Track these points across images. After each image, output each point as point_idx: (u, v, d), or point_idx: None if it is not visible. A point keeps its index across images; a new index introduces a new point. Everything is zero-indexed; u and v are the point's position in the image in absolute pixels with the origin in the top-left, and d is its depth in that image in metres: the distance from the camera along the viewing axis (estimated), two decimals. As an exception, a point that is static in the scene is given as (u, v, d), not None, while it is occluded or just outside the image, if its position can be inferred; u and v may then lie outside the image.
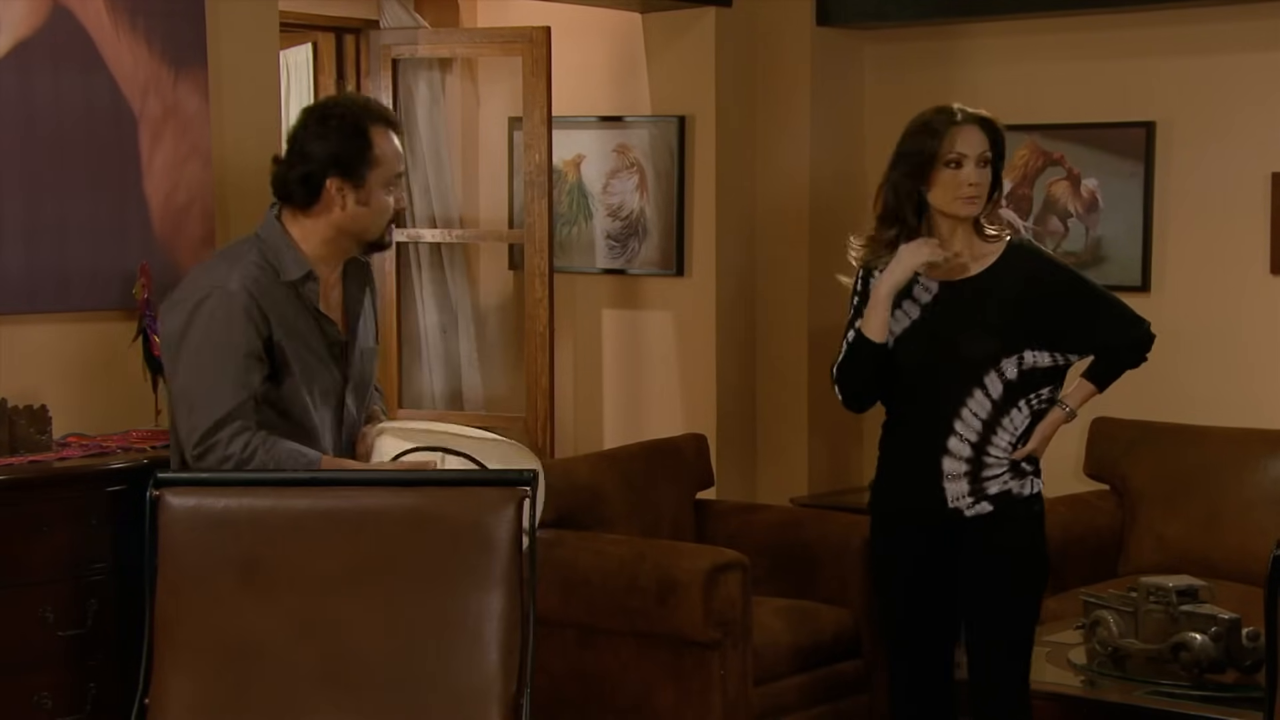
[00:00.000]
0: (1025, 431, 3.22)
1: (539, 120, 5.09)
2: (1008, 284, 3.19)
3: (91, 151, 3.75)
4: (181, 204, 3.92)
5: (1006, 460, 3.19)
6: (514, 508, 2.85)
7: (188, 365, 2.90)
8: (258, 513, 2.84)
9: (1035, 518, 3.25)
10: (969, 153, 3.19)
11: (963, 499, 3.17)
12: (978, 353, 3.16)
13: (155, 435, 3.65)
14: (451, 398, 5.58)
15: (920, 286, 3.23)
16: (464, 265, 5.64)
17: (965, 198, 3.19)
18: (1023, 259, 3.24)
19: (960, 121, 3.21)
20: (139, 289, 3.71)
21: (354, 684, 2.73)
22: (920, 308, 3.23)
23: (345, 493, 2.83)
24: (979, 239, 3.24)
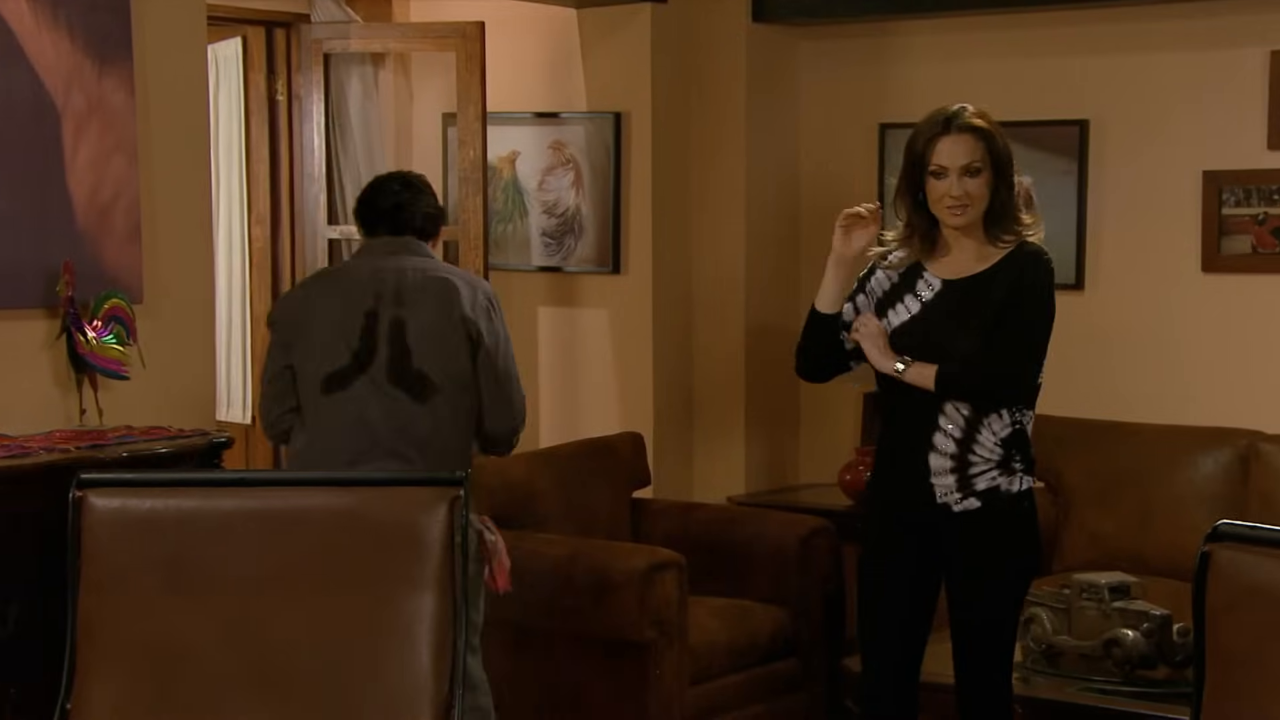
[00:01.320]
0: (1009, 436, 3.18)
1: (473, 116, 5.07)
2: (998, 287, 3.18)
3: (12, 146, 3.69)
4: (106, 200, 3.87)
5: (994, 457, 3.17)
6: (446, 507, 2.85)
7: (510, 354, 3.54)
8: (184, 513, 2.82)
9: (1025, 515, 3.21)
10: (949, 165, 3.17)
11: (950, 494, 3.16)
12: (960, 352, 3.15)
13: (79, 435, 3.60)
14: (385, 397, 5.54)
15: (923, 282, 3.24)
16: (397, 263, 5.60)
17: (948, 209, 3.18)
18: (1018, 263, 3.21)
19: (946, 131, 3.18)
20: (62, 286, 3.66)
21: (283, 687, 2.71)
22: (921, 303, 3.24)
23: (275, 493, 2.82)
24: (990, 242, 3.22)
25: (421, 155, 5.66)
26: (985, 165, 3.18)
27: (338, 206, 5.40)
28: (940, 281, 3.23)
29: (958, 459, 3.16)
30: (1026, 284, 3.18)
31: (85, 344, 3.66)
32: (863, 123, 5.42)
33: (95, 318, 3.71)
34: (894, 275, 3.29)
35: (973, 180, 3.18)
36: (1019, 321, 3.17)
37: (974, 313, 3.17)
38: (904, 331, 3.23)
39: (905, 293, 3.25)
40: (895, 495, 3.23)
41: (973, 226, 3.22)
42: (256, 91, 5.37)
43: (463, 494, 2.88)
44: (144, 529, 2.81)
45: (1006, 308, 3.15)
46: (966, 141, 3.17)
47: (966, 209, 3.18)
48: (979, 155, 3.17)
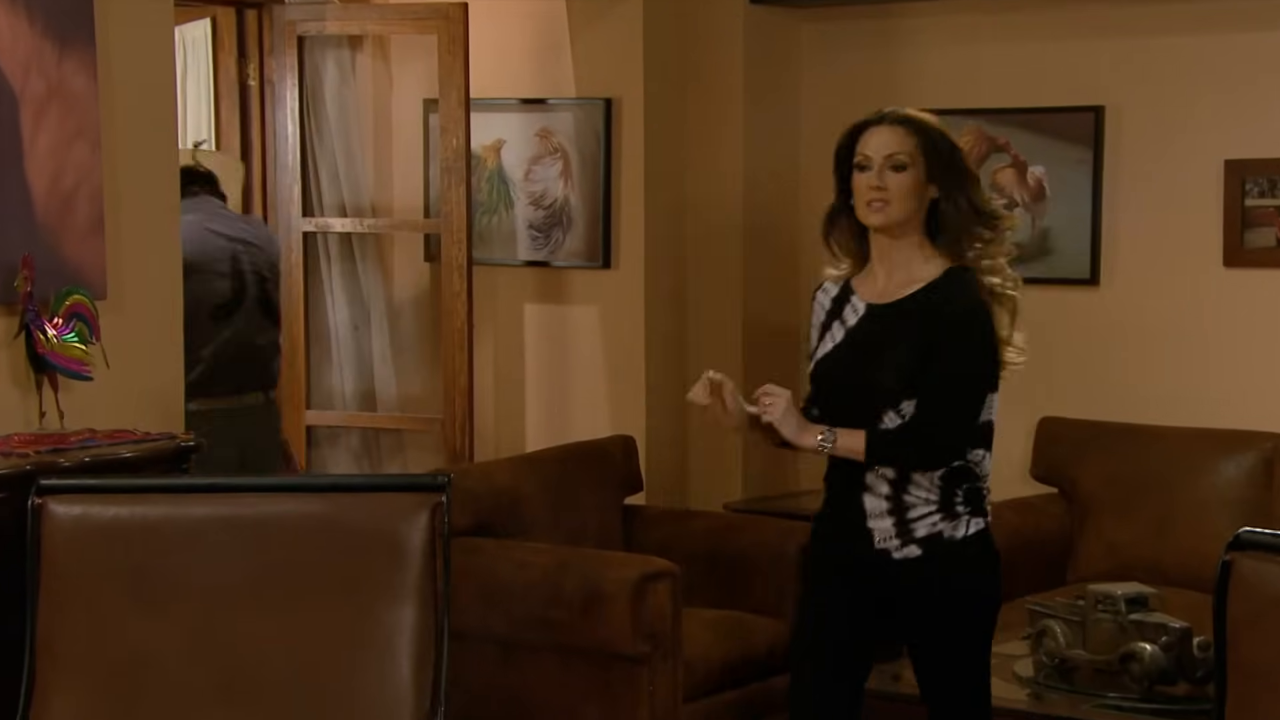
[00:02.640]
0: (948, 474, 3.04)
1: (456, 102, 5.06)
2: (924, 315, 3.01)
3: (-31, 133, 3.68)
4: (67, 190, 3.86)
5: (933, 498, 3.03)
6: (427, 514, 2.85)
7: None
8: (150, 521, 2.81)
9: (972, 562, 3.07)
10: (874, 155, 3.03)
11: (889, 539, 3.05)
12: (877, 387, 3.01)
13: (38, 439, 3.58)
14: (363, 398, 5.54)
15: (850, 308, 3.11)
16: (376, 257, 5.60)
17: (867, 202, 3.03)
18: (945, 288, 3.03)
19: (879, 122, 3.06)
20: (21, 282, 3.65)
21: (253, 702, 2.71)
22: (846, 331, 3.10)
23: (245, 499, 2.82)
24: (925, 261, 3.06)
25: (401, 143, 5.66)
26: (915, 163, 3.02)
27: (313, 198, 5.40)
28: (864, 306, 3.10)
29: (893, 500, 3.04)
30: (949, 318, 2.98)
31: (45, 343, 3.65)
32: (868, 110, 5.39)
33: (56, 315, 3.70)
34: (828, 300, 3.17)
35: (896, 175, 3.02)
36: (944, 371, 2.97)
37: (898, 343, 3.01)
38: (829, 361, 3.10)
39: (834, 319, 3.13)
40: (836, 537, 3.13)
41: (902, 240, 3.05)
42: (227, 76, 5.36)
43: (445, 500, 2.87)
44: (107, 537, 2.80)
45: (932, 349, 2.97)
46: (896, 133, 3.04)
47: (885, 206, 3.01)
48: (908, 149, 3.03)
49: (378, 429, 5.50)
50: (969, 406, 3.02)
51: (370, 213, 5.55)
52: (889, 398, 3.00)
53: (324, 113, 5.38)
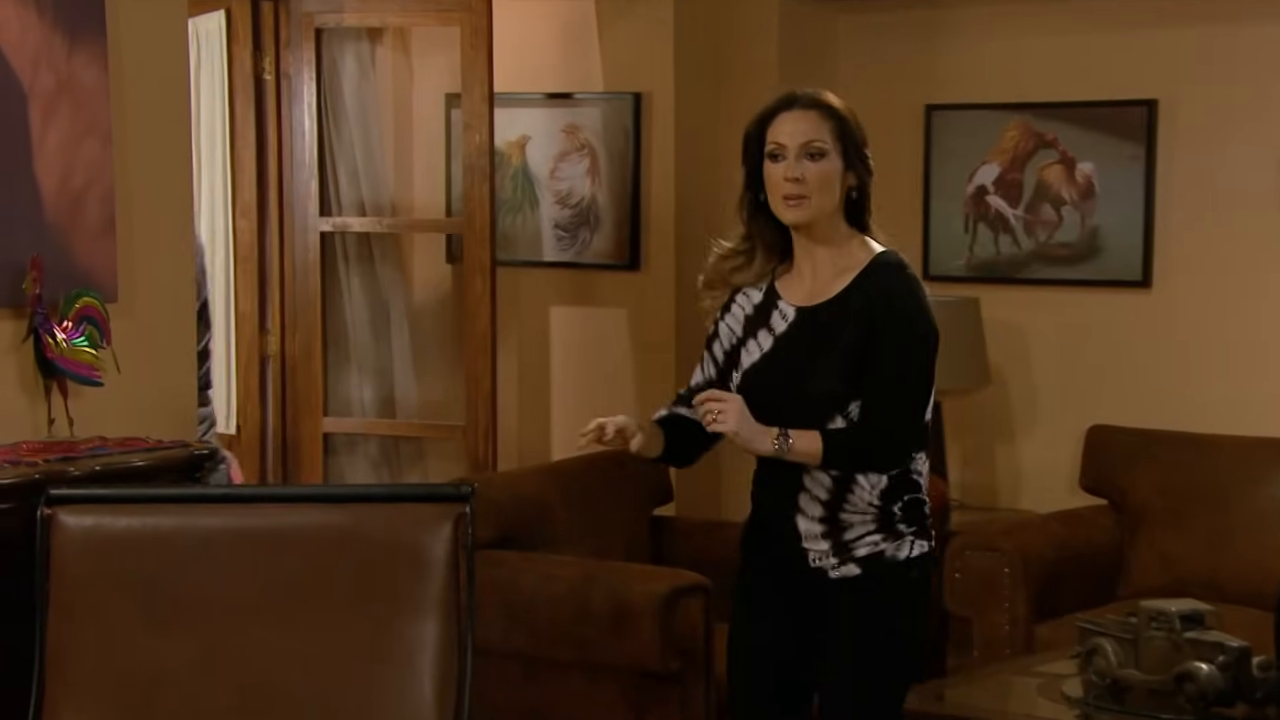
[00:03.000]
0: (888, 489, 2.96)
1: (479, 97, 5.07)
2: (855, 310, 2.93)
3: (-24, 130, 3.71)
4: (78, 188, 3.88)
5: (870, 516, 2.95)
6: (450, 525, 2.85)
7: None
8: (162, 532, 2.82)
9: (912, 586, 2.98)
10: (787, 142, 2.93)
11: (826, 558, 2.97)
12: (819, 393, 2.92)
13: (47, 447, 3.60)
14: (383, 405, 5.56)
15: (777, 313, 3.01)
16: (396, 258, 5.62)
17: (783, 196, 2.93)
18: (873, 279, 2.95)
19: (789, 107, 2.97)
20: (29, 284, 3.67)
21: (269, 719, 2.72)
22: (774, 338, 3.00)
23: (261, 510, 2.82)
24: (850, 253, 2.98)
25: (422, 140, 5.67)
26: (833, 150, 2.94)
27: (331, 197, 5.41)
28: (794, 310, 3.00)
29: (828, 521, 2.96)
30: (889, 309, 2.91)
31: (54, 347, 3.67)
32: (908, 105, 5.40)
33: (65, 318, 3.72)
34: (749, 305, 3.06)
35: (815, 164, 2.93)
36: (892, 362, 2.90)
37: (833, 343, 2.93)
38: (752, 375, 2.99)
39: (759, 326, 3.03)
40: (766, 560, 3.05)
41: (825, 232, 2.97)
42: (241, 70, 5.38)
43: (468, 510, 2.88)
44: (119, 549, 2.81)
45: (870, 345, 2.90)
46: (811, 118, 2.95)
47: (804, 201, 2.92)
48: (825, 135, 2.94)
49: (397, 437, 5.51)
50: (922, 399, 2.96)
51: (390, 212, 5.56)
52: (833, 403, 2.92)
53: (342, 108, 5.40)
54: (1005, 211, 5.27)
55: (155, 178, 4.04)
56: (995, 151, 5.29)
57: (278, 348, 5.38)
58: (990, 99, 5.27)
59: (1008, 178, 5.27)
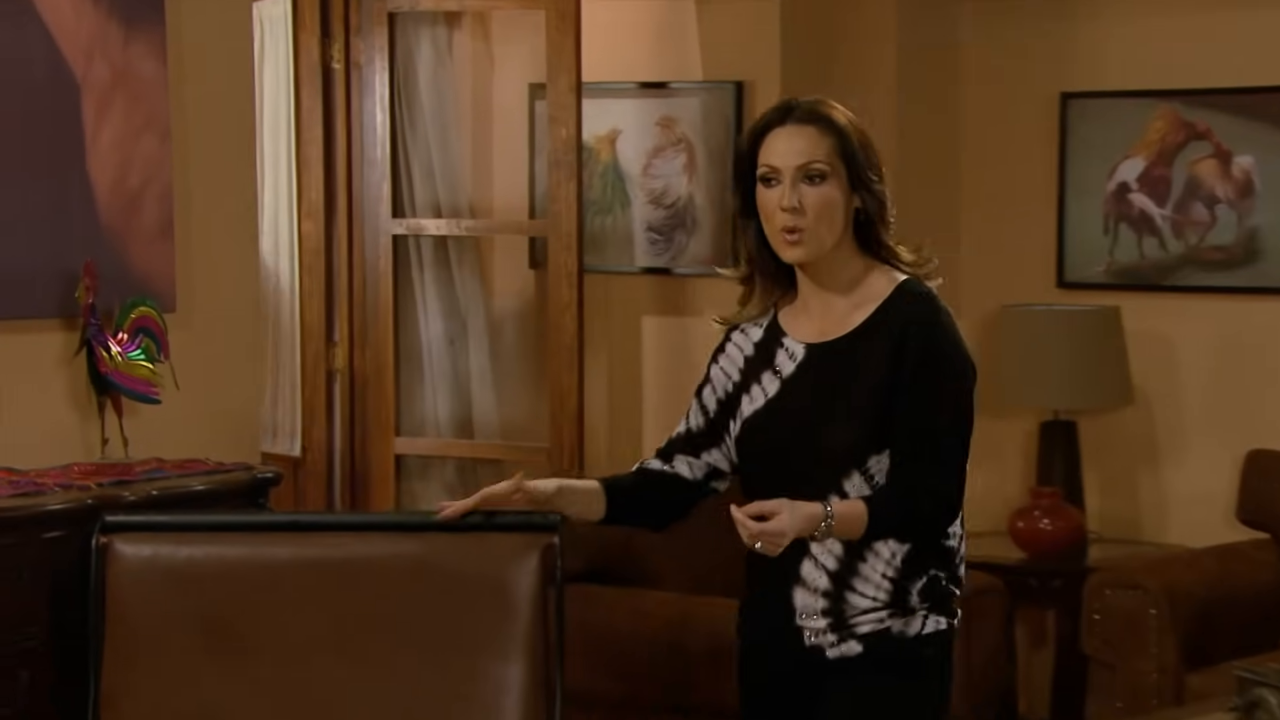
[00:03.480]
0: (911, 559, 2.78)
1: (566, 87, 5.09)
2: (877, 348, 2.78)
3: (23, 125, 3.77)
4: (134, 188, 3.94)
5: (882, 593, 2.78)
6: (537, 557, 2.87)
7: None
8: (227, 563, 2.86)
9: (925, 666, 2.81)
10: (781, 164, 2.76)
11: (823, 635, 2.82)
12: (836, 445, 2.77)
13: (100, 470, 3.66)
14: (459, 424, 5.58)
15: (783, 352, 2.86)
16: (475, 263, 5.64)
17: (780, 230, 2.76)
18: (899, 311, 2.80)
19: (782, 121, 2.79)
20: (82, 292, 3.73)
21: (343, 770, 2.75)
22: (780, 381, 2.84)
23: (333, 539, 2.85)
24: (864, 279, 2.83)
25: (504, 134, 5.70)
26: (835, 171, 2.77)
27: (404, 197, 5.45)
28: (803, 348, 2.84)
29: (832, 596, 2.80)
30: (920, 349, 2.76)
31: (109, 361, 3.72)
32: (1041, 93, 5.37)
33: (120, 329, 3.77)
34: (748, 344, 2.91)
35: (814, 189, 2.76)
36: (925, 413, 2.74)
37: (854, 386, 2.78)
38: (755, 425, 2.84)
39: (763, 369, 2.87)
40: (760, 636, 2.92)
41: (832, 268, 2.81)
42: (308, 58, 5.43)
43: (556, 541, 2.89)
44: (178, 581, 2.85)
45: (899, 389, 2.75)
46: (808, 135, 2.77)
47: (802, 235, 2.75)
48: (824, 154, 2.76)
49: (476, 459, 5.53)
50: (965, 451, 2.80)
51: (468, 213, 5.59)
52: (853, 456, 2.77)
53: (417, 100, 5.43)
54: (1150, 211, 5.22)
55: (217, 176, 4.09)
56: (1139, 144, 5.24)
57: (346, 362, 5.43)
58: (1133, 85, 5.23)
59: (1154, 173, 5.22)
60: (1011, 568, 4.89)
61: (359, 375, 5.42)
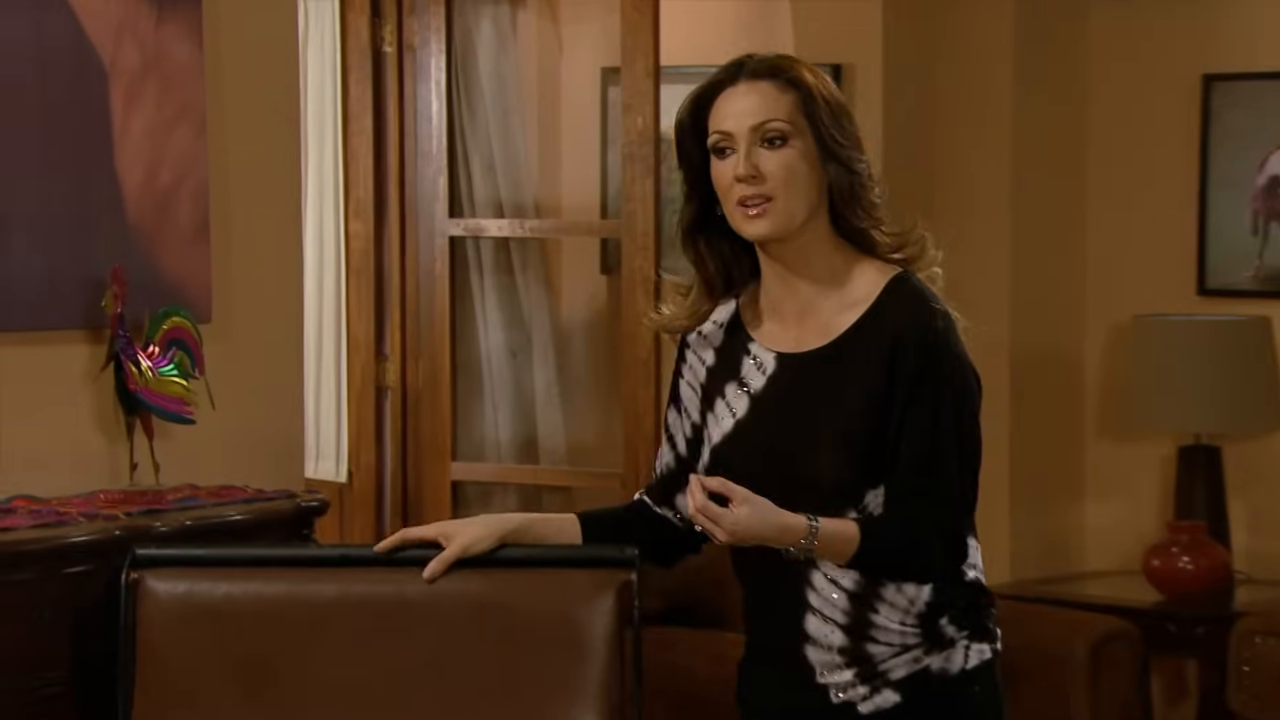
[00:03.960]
0: (934, 601, 2.68)
1: (643, 72, 5.09)
2: (868, 357, 2.64)
3: (44, 116, 3.79)
4: (166, 185, 3.96)
5: (911, 637, 2.68)
6: (612, 596, 2.87)
7: None
8: (268, 602, 2.87)
9: (976, 705, 2.73)
10: (734, 128, 2.62)
11: (852, 689, 2.71)
12: (822, 478, 2.65)
13: (129, 498, 3.67)
14: (523, 446, 5.59)
15: (750, 363, 2.72)
16: (540, 268, 5.65)
17: (738, 202, 2.62)
18: (891, 313, 2.65)
19: (733, 81, 2.66)
20: (109, 301, 3.74)
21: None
22: (749, 399, 2.71)
23: (387, 575, 2.86)
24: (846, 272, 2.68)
25: (573, 124, 5.72)
26: (797, 131, 2.62)
27: (462, 194, 5.47)
28: (773, 358, 2.71)
29: (850, 653, 2.70)
30: (921, 361, 2.62)
31: (138, 377, 3.73)
32: (1179, 77, 5.34)
33: (151, 342, 3.78)
34: (708, 353, 2.77)
35: (775, 153, 2.61)
36: (928, 436, 2.62)
37: (840, 405, 2.64)
38: (730, 445, 2.70)
39: (726, 381, 2.73)
40: (774, 701, 2.81)
41: (805, 253, 2.66)
42: (357, 41, 5.46)
43: (633, 578, 2.89)
44: (216, 621, 2.86)
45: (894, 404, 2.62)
46: (763, 91, 2.63)
47: (767, 205, 2.61)
48: (784, 112, 2.62)
49: (540, 486, 5.54)
50: (975, 481, 2.69)
51: (533, 212, 5.61)
52: (844, 491, 2.66)
53: (477, 86, 5.45)
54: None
55: (258, 172, 4.11)
56: None
57: (397, 377, 5.45)
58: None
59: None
60: (1147, 612, 4.85)
61: (411, 392, 5.44)
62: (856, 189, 2.66)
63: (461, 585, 2.89)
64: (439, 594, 2.87)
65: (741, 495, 2.58)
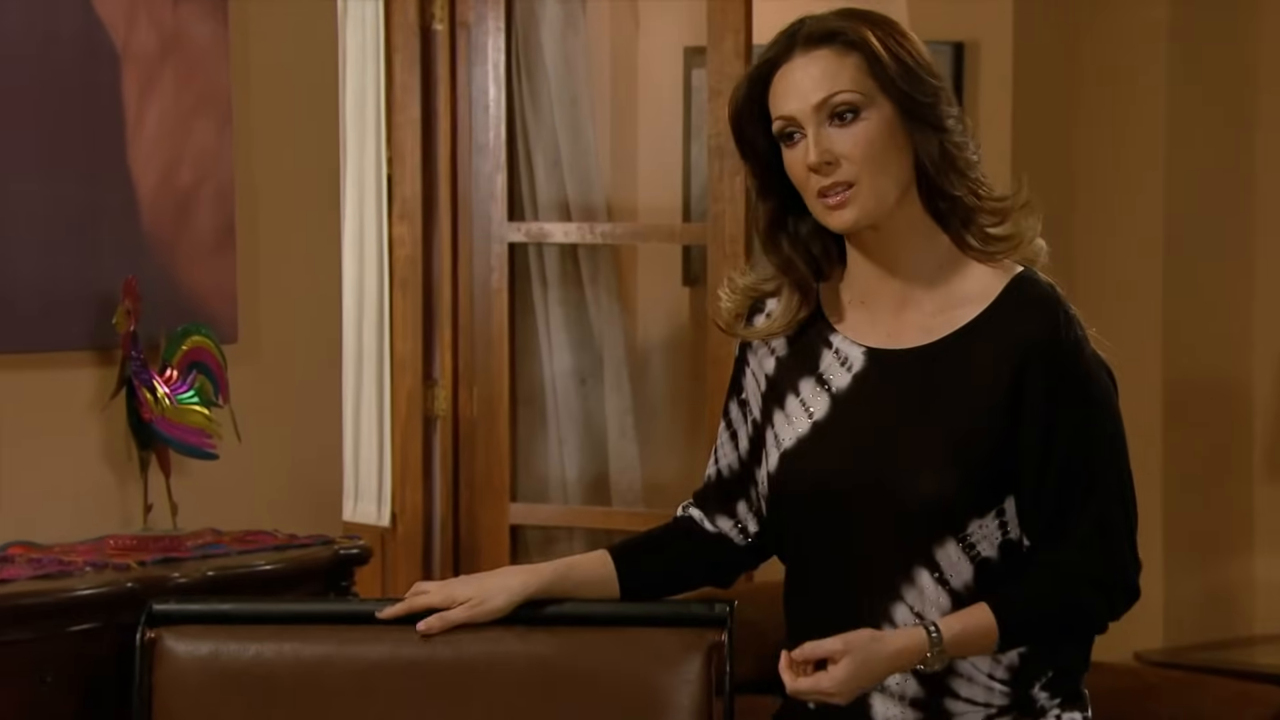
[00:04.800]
0: (1028, 662, 2.66)
1: (732, 52, 5.10)
2: (989, 364, 2.61)
3: (47, 106, 3.81)
4: (186, 186, 3.98)
5: (999, 692, 2.66)
6: (700, 659, 2.88)
7: None
8: (305, 665, 2.89)
9: None
10: (795, 110, 2.61)
11: None
12: (926, 500, 2.61)
13: (143, 544, 3.69)
14: (593, 485, 5.60)
15: (833, 357, 2.70)
16: (613, 279, 5.67)
17: (817, 196, 2.61)
18: (1018, 318, 2.63)
19: (788, 53, 2.64)
20: (121, 318, 3.76)
21: None
22: (830, 399, 2.69)
23: (441, 636, 2.87)
24: (953, 265, 2.67)
25: (652, 113, 5.73)
26: (870, 99, 2.60)
27: (523, 194, 5.48)
28: (862, 353, 2.69)
29: (926, 707, 2.67)
30: (1058, 386, 2.60)
31: (154, 405, 3.76)
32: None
33: (169, 365, 3.80)
34: (778, 352, 2.75)
35: (845, 130, 2.60)
36: (1081, 474, 2.60)
37: (940, 420, 2.62)
38: (802, 455, 2.68)
39: (802, 376, 2.71)
40: None
41: (908, 234, 2.65)
42: (404, 19, 5.49)
43: (725, 639, 2.90)
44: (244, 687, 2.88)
45: (1022, 435, 2.59)
46: (822, 60, 2.60)
47: (849, 192, 2.59)
48: (847, 80, 2.59)
49: (612, 530, 5.55)
50: (1135, 511, 2.67)
51: (605, 215, 5.62)
52: (947, 518, 2.61)
53: (541, 71, 5.47)
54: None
55: (291, 170, 4.13)
56: None
57: (448, 405, 5.47)
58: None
59: None
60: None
61: (465, 423, 5.46)
62: (949, 150, 2.64)
63: (527, 646, 2.90)
64: (502, 657, 2.88)
65: (836, 648, 2.57)
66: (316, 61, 4.20)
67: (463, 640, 2.88)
